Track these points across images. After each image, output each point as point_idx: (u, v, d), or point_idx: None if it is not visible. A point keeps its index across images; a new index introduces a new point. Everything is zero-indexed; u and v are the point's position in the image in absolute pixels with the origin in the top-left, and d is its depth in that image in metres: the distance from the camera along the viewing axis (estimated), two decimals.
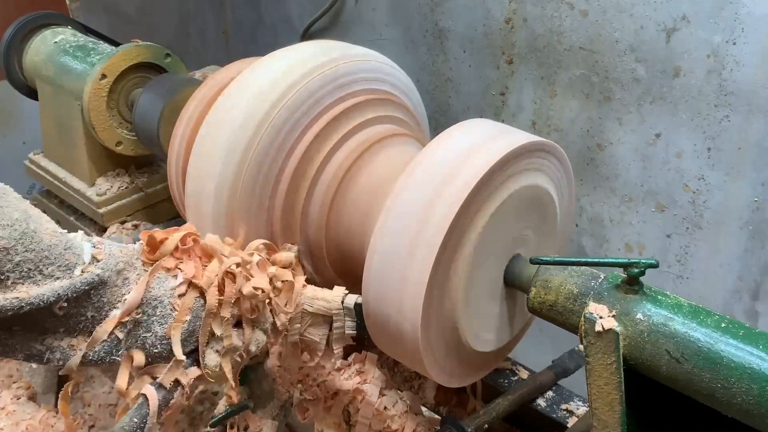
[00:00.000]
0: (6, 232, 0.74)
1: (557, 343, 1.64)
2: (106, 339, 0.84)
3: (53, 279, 0.78)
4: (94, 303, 0.83)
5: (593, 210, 1.91)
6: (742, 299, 1.71)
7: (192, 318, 0.92)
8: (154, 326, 0.89)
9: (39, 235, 0.77)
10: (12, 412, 1.79)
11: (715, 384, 0.83)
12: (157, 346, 0.89)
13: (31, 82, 1.79)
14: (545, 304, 1.02)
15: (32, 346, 0.80)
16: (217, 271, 0.96)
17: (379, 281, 1.06)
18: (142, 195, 1.71)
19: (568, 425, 1.27)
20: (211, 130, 1.21)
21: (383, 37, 2.21)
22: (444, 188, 1.02)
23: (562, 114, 1.87)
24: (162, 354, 0.90)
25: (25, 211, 0.78)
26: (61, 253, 0.79)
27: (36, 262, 0.76)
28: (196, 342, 0.93)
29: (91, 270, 0.81)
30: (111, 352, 0.85)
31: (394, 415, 1.23)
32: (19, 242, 0.75)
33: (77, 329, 0.83)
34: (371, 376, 1.25)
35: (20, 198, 0.79)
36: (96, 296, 0.83)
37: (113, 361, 0.86)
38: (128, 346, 0.86)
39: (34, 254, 0.76)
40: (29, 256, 0.76)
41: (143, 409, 0.86)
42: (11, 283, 0.74)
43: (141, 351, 0.89)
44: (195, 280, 0.95)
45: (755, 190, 1.59)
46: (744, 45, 1.49)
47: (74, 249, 0.82)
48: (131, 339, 0.87)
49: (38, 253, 0.76)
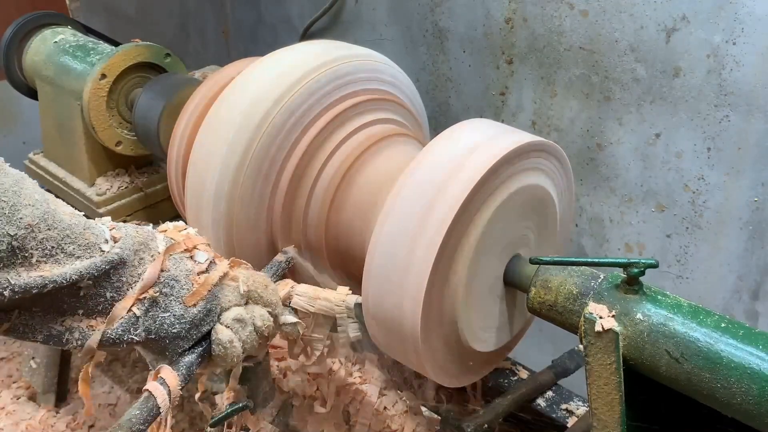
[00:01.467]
0: (29, 210, 0.74)
1: (557, 343, 1.64)
2: (124, 316, 0.84)
3: (75, 258, 0.78)
4: (114, 283, 0.83)
5: (593, 210, 1.91)
6: (742, 299, 1.71)
7: (209, 297, 0.92)
8: (173, 305, 0.88)
9: (59, 215, 0.78)
10: (12, 412, 1.79)
11: (714, 384, 0.83)
12: (176, 325, 0.89)
13: (31, 82, 1.79)
14: (545, 304, 1.02)
15: (52, 327, 0.81)
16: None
17: (379, 281, 1.06)
18: (142, 195, 1.71)
19: (568, 425, 1.27)
20: (211, 130, 1.21)
21: (383, 37, 2.21)
22: (444, 188, 1.02)
23: (562, 114, 1.87)
24: (180, 334, 0.89)
25: (43, 193, 0.79)
26: (81, 233, 0.80)
27: (58, 240, 0.77)
28: (210, 323, 0.93)
29: (111, 249, 0.82)
30: (129, 330, 0.85)
31: (393, 415, 1.23)
32: (42, 220, 0.75)
33: (96, 310, 0.83)
34: (371, 376, 1.25)
35: (36, 183, 0.80)
36: (116, 276, 0.83)
37: (131, 340, 0.86)
38: (146, 326, 0.86)
39: (56, 233, 0.77)
40: (52, 234, 0.76)
41: (150, 401, 0.87)
42: (35, 261, 0.75)
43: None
44: (217, 259, 0.96)
45: (755, 190, 1.59)
46: (744, 45, 1.49)
47: (93, 229, 0.82)
48: (149, 319, 0.86)
49: (60, 232, 0.77)
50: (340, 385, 1.24)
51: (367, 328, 1.13)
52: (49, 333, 0.81)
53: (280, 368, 1.23)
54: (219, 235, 1.20)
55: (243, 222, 1.19)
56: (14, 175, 0.77)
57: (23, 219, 0.74)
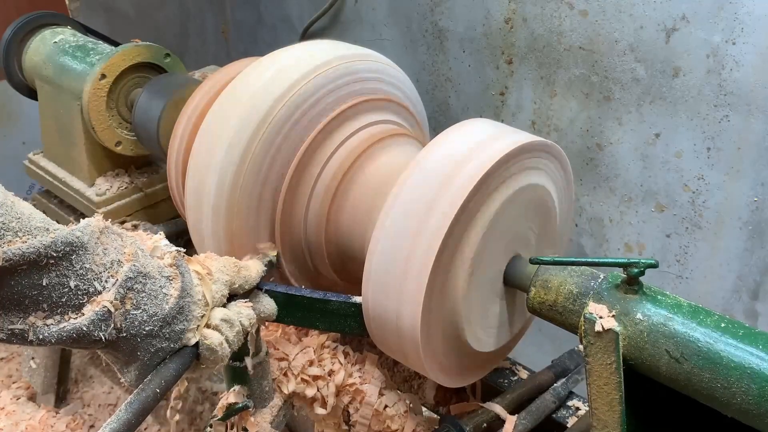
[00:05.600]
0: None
1: (557, 343, 1.65)
2: (95, 310, 0.81)
3: (31, 237, 0.76)
4: (77, 270, 0.80)
5: (593, 210, 1.91)
6: (741, 299, 1.71)
7: (182, 294, 0.89)
8: (144, 302, 0.85)
9: (17, 204, 0.77)
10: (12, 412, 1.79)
11: (714, 384, 0.83)
12: (149, 323, 0.86)
13: (30, 82, 1.79)
14: (545, 304, 1.02)
15: (14, 325, 0.78)
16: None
17: (379, 281, 1.06)
18: (142, 195, 1.71)
19: (568, 425, 1.27)
20: (210, 130, 1.21)
21: (383, 36, 2.21)
22: (444, 188, 1.02)
23: (561, 114, 1.87)
24: (152, 332, 0.87)
25: (2, 189, 0.78)
26: (41, 218, 0.78)
27: (13, 222, 0.75)
28: (183, 321, 0.90)
29: (70, 231, 0.80)
30: (99, 326, 0.81)
31: (393, 415, 1.23)
32: (1, 204, 0.75)
33: (60, 302, 0.80)
34: (371, 376, 1.25)
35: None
36: (78, 262, 0.80)
37: (98, 338, 0.82)
38: (116, 324, 0.83)
39: (12, 215, 0.75)
40: (6, 217, 0.74)
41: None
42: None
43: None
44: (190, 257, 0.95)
45: (755, 190, 1.59)
46: (743, 45, 1.49)
47: (50, 221, 0.80)
48: (119, 316, 0.83)
49: (16, 216, 0.75)
50: (340, 385, 1.24)
51: (367, 328, 1.13)
52: (12, 331, 0.78)
53: (281, 368, 1.23)
54: (219, 236, 1.20)
55: (243, 222, 1.19)
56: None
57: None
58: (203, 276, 0.95)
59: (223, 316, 0.95)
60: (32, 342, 0.80)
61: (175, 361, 0.89)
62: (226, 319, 0.95)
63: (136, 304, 0.85)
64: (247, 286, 1.04)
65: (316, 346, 1.26)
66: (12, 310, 0.78)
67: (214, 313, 0.95)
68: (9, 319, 0.78)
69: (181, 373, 0.90)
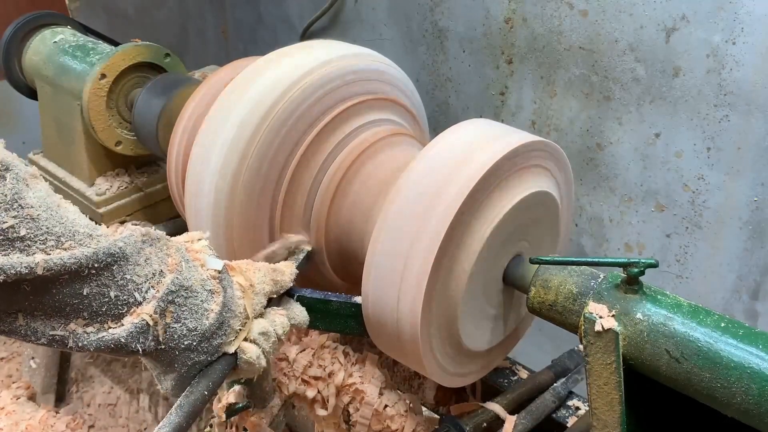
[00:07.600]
0: (32, 198, 0.73)
1: (557, 343, 1.64)
2: (135, 321, 0.80)
3: (76, 247, 0.75)
4: (117, 281, 0.79)
5: (593, 210, 1.91)
6: (741, 299, 1.71)
7: (222, 309, 0.89)
8: (185, 316, 0.85)
9: (63, 207, 0.77)
10: (12, 412, 1.79)
11: (714, 384, 0.83)
12: (188, 338, 0.85)
13: (30, 82, 1.79)
14: (545, 304, 1.02)
15: (55, 331, 0.78)
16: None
17: (379, 281, 1.06)
18: (142, 195, 1.71)
19: (568, 425, 1.27)
20: (210, 130, 1.21)
21: (383, 36, 2.21)
22: (444, 188, 1.02)
23: (561, 114, 1.87)
24: (191, 347, 0.86)
25: (48, 189, 0.78)
26: (86, 224, 0.78)
27: (59, 229, 0.74)
28: (222, 336, 0.90)
29: (113, 241, 0.79)
30: (137, 337, 0.81)
31: (393, 415, 1.23)
32: (45, 209, 0.74)
33: (101, 312, 0.79)
34: (371, 376, 1.25)
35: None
36: (119, 273, 0.79)
37: (136, 350, 0.82)
38: (156, 336, 0.82)
39: (57, 222, 0.75)
40: (53, 223, 0.74)
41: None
42: (35, 249, 0.72)
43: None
44: (233, 264, 0.94)
45: (755, 190, 1.59)
46: (743, 45, 1.49)
47: (94, 226, 0.80)
48: (159, 329, 0.83)
49: (62, 222, 0.75)
50: (340, 385, 1.24)
51: (367, 327, 1.13)
52: (53, 337, 0.78)
53: (281, 368, 1.23)
54: (218, 236, 1.20)
55: (242, 222, 1.19)
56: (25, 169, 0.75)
57: (25, 207, 0.72)
58: (246, 289, 0.94)
59: (262, 329, 0.94)
60: (72, 348, 0.80)
61: (221, 363, 0.90)
62: (264, 332, 0.94)
63: (177, 318, 0.84)
64: (282, 292, 1.04)
65: (316, 346, 1.27)
66: (53, 316, 0.77)
67: (254, 326, 0.94)
68: (50, 324, 0.78)
69: (225, 376, 0.91)
